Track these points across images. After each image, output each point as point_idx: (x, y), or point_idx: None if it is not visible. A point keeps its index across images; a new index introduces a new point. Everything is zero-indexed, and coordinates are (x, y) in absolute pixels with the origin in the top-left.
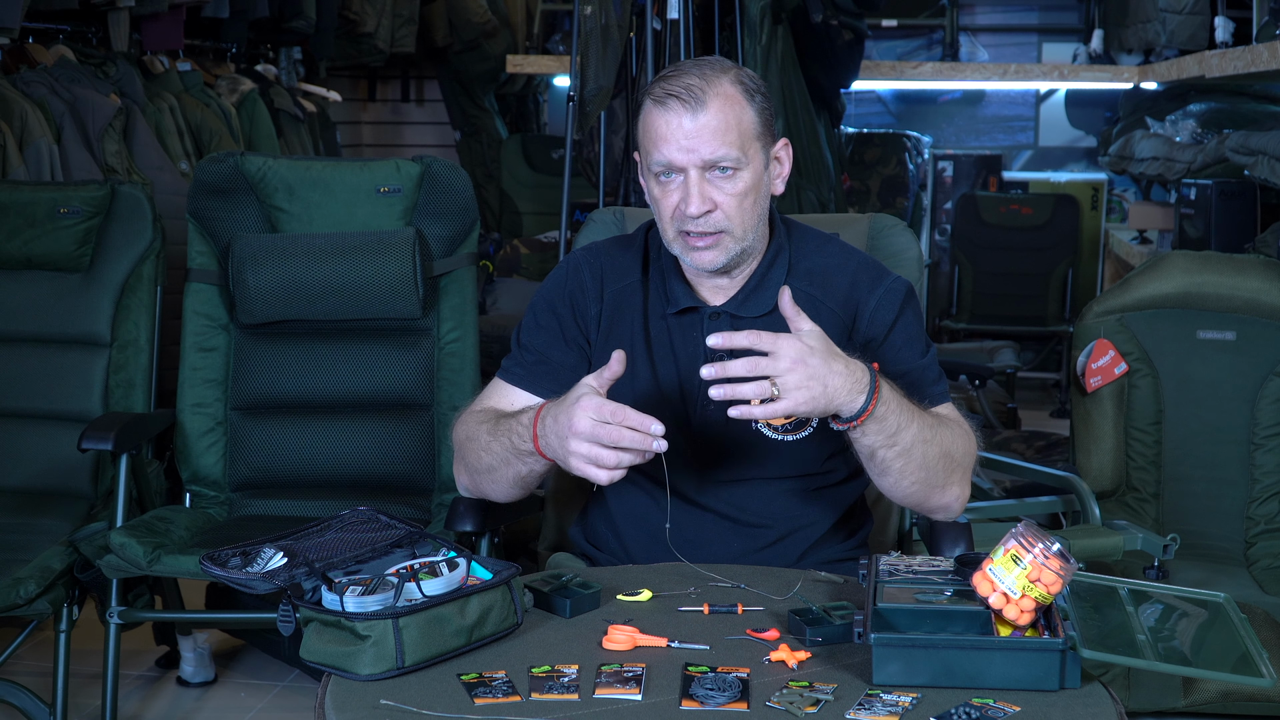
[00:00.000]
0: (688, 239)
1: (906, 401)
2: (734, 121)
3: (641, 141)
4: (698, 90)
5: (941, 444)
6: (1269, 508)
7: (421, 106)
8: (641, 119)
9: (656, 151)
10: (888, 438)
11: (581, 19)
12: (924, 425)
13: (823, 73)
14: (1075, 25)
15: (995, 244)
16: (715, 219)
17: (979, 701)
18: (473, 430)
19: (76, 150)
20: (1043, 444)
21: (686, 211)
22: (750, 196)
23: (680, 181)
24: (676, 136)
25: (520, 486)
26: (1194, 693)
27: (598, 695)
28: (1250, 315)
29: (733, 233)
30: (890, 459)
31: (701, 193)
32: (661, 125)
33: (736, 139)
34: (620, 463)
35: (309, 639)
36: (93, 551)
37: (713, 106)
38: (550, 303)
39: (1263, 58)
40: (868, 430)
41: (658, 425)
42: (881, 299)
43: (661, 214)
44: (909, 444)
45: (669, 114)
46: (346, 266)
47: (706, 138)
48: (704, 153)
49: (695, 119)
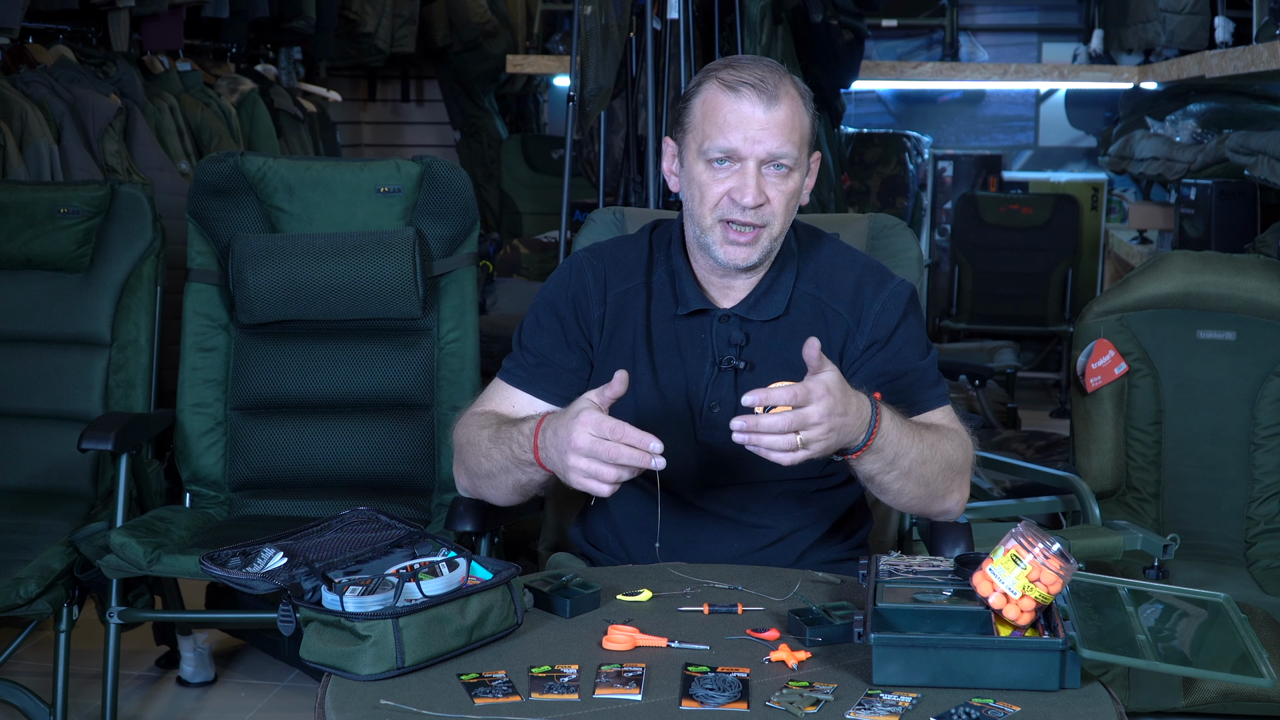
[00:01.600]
0: (728, 229)
1: (906, 424)
2: (798, 122)
3: (699, 124)
4: (772, 84)
5: (941, 458)
6: (1269, 508)
7: (421, 106)
8: (700, 101)
9: (721, 136)
10: (886, 464)
11: (581, 19)
12: (923, 445)
13: (823, 73)
14: (1075, 25)
15: (995, 244)
16: (765, 212)
17: (979, 701)
18: (474, 435)
19: (76, 150)
20: (1043, 444)
21: (741, 201)
22: (795, 198)
23: (735, 170)
24: (746, 125)
25: (520, 494)
26: (1194, 693)
27: (598, 695)
28: (1250, 315)
29: (771, 231)
30: (889, 482)
31: (759, 184)
32: (730, 112)
33: (799, 139)
34: (619, 478)
35: (309, 639)
36: (93, 551)
37: (784, 102)
38: (552, 304)
39: (1263, 58)
40: (865, 460)
41: (656, 443)
42: (886, 302)
43: (705, 198)
44: (907, 467)
45: (741, 101)
46: (346, 266)
47: (774, 131)
48: (771, 145)
49: (768, 111)
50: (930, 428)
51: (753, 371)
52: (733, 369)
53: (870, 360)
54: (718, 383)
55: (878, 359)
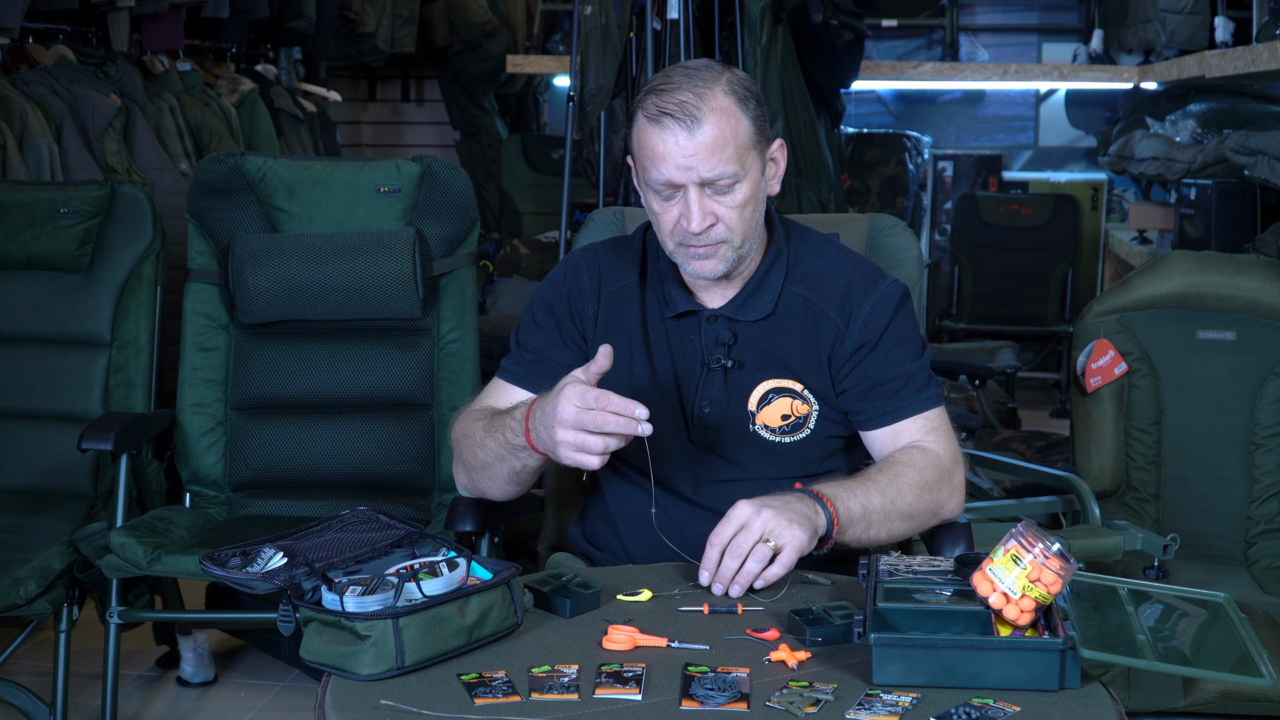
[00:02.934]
0: (688, 250)
1: (853, 482)
2: (730, 136)
3: (637, 156)
4: (692, 107)
5: (909, 487)
6: (1269, 508)
7: (421, 106)
8: (636, 133)
9: (654, 170)
10: (863, 525)
11: (581, 19)
12: (882, 487)
13: (823, 73)
14: (1075, 25)
15: (995, 244)
16: (716, 233)
17: (979, 701)
18: (470, 428)
19: (76, 150)
20: (1043, 444)
21: (689, 228)
22: (749, 205)
23: (679, 197)
24: (674, 155)
25: (516, 483)
26: (1194, 693)
27: (598, 695)
28: (1250, 315)
29: (732, 242)
30: (877, 535)
31: (702, 209)
32: (658, 144)
33: (734, 153)
34: (607, 448)
35: (309, 639)
36: (93, 551)
37: (708, 123)
38: (548, 302)
39: (1263, 58)
40: (846, 533)
41: (642, 409)
42: (876, 304)
43: (661, 227)
44: (883, 516)
45: (664, 133)
46: (346, 266)
47: (704, 155)
48: (702, 170)
49: (692, 137)
50: (881, 468)
51: (742, 370)
52: (722, 368)
53: (859, 364)
54: (707, 382)
55: (866, 363)
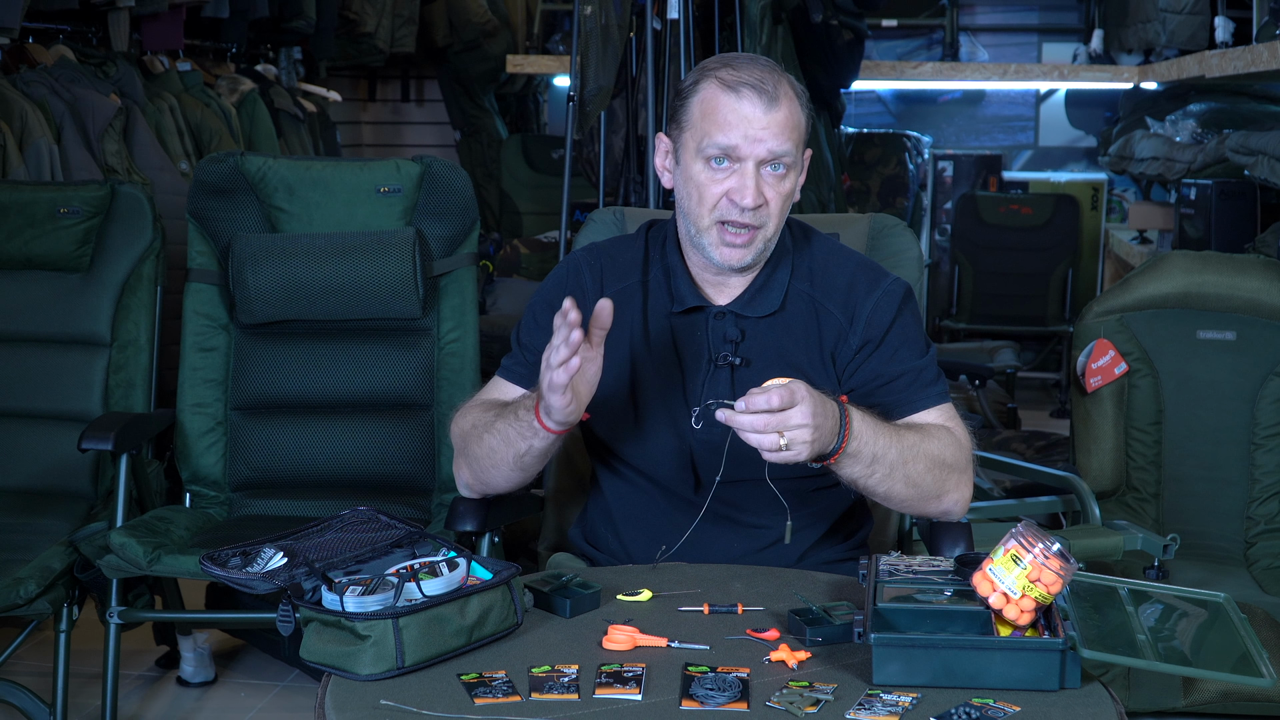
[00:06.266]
0: (724, 230)
1: (882, 426)
2: (796, 121)
3: (697, 122)
4: (771, 84)
5: (927, 457)
6: (1269, 508)
7: (421, 106)
8: (698, 100)
9: (721, 135)
10: (866, 467)
11: (581, 19)
12: (903, 445)
13: (823, 73)
14: (1075, 25)
15: (995, 244)
16: (762, 214)
17: (979, 701)
18: (476, 418)
19: (76, 150)
20: (1043, 444)
21: (741, 202)
22: (790, 199)
23: (734, 170)
24: (747, 125)
25: (520, 468)
26: (1194, 693)
27: (598, 695)
28: (1250, 315)
29: (766, 232)
30: (874, 484)
31: (757, 185)
32: (731, 112)
33: (797, 137)
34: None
35: (309, 639)
36: (93, 551)
37: (783, 102)
38: (550, 302)
39: (1263, 58)
40: (844, 464)
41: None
42: (879, 301)
43: (703, 198)
44: (889, 469)
45: (742, 101)
46: (346, 266)
47: (775, 131)
48: (771, 145)
49: (768, 112)
50: (913, 428)
51: (749, 368)
52: (729, 365)
53: (866, 362)
54: (714, 379)
55: (873, 360)
